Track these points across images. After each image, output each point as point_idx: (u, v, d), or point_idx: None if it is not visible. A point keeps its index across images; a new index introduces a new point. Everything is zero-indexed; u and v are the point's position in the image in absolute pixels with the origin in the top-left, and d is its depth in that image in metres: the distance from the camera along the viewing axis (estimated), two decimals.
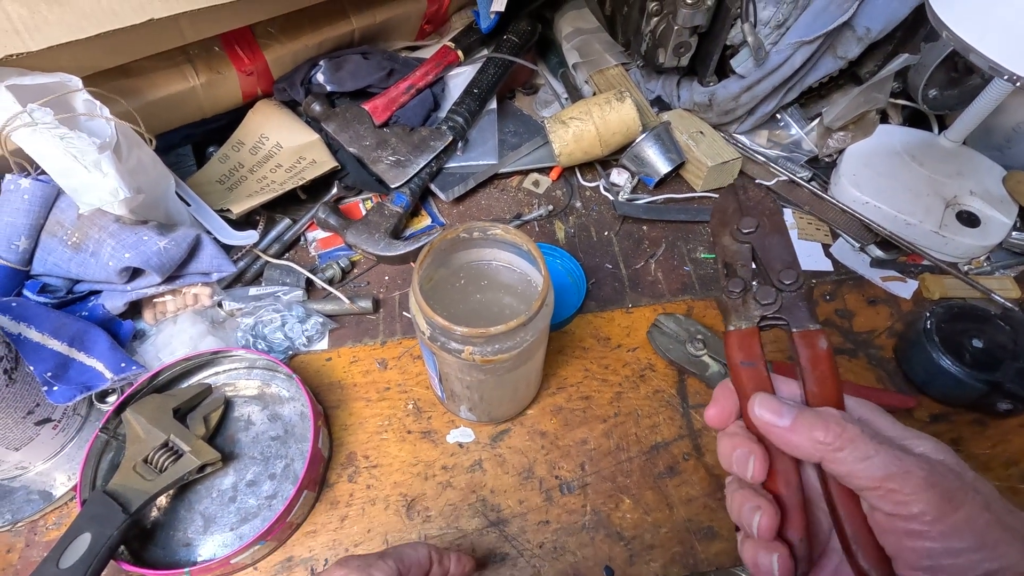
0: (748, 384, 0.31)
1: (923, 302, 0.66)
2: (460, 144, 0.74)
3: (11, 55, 0.47)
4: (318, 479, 0.53)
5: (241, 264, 0.64)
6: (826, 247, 0.70)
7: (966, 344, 0.55)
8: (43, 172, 0.53)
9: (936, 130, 0.76)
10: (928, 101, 0.74)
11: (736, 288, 0.33)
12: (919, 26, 0.68)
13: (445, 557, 0.42)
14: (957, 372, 0.54)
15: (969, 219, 0.67)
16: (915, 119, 0.79)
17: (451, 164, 0.74)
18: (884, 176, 0.70)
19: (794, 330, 0.32)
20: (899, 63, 0.68)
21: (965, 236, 0.66)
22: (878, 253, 0.69)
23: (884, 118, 0.78)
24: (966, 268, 0.68)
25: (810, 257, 0.69)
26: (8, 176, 0.54)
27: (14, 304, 0.52)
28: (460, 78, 0.79)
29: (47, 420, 0.51)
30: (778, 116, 0.78)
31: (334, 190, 0.71)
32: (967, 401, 0.56)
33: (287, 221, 0.69)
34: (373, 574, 0.32)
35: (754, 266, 0.35)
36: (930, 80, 0.71)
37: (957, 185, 0.69)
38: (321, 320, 0.62)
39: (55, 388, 0.50)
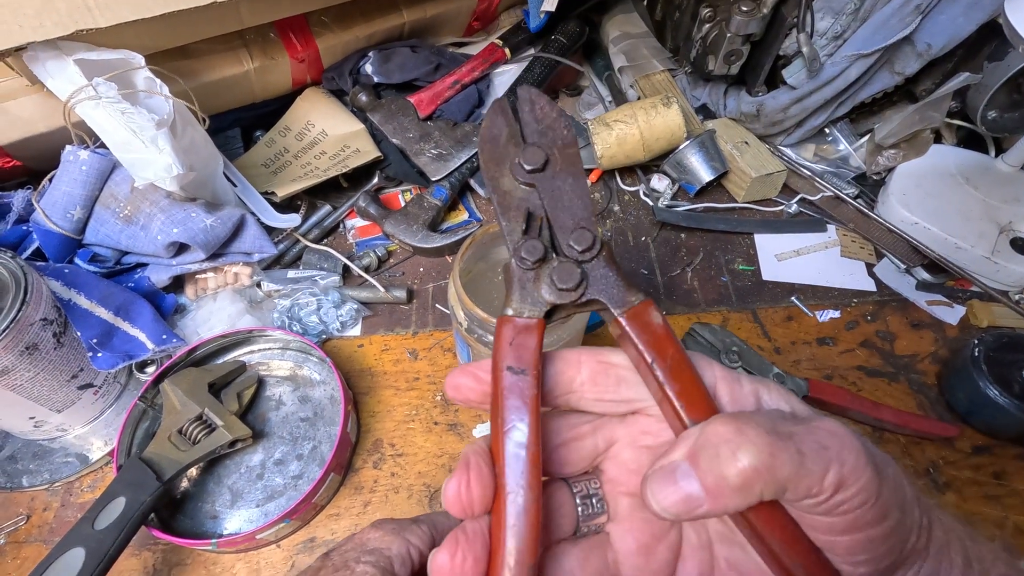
0: (509, 402, 0.22)
1: (970, 329, 0.63)
2: None
3: (81, 30, 0.48)
4: (344, 463, 0.53)
5: (281, 247, 0.65)
6: (869, 266, 0.68)
7: (1015, 375, 0.53)
8: (101, 145, 0.55)
9: (993, 153, 0.74)
10: (987, 123, 0.71)
11: (531, 255, 0.24)
12: (982, 44, 0.66)
13: None
14: (1005, 403, 0.52)
15: None
16: (970, 141, 0.77)
17: None
18: (935, 197, 0.68)
19: (616, 311, 0.24)
20: (959, 81, 0.66)
21: (1019, 264, 0.63)
22: (925, 276, 0.67)
23: (937, 138, 0.75)
24: (1017, 297, 0.65)
25: (852, 276, 0.68)
26: (68, 147, 0.56)
27: (66, 271, 0.54)
28: (506, 76, 0.79)
29: (89, 385, 0.52)
30: (826, 130, 0.76)
31: (375, 180, 0.72)
32: (1013, 434, 0.54)
33: (328, 207, 0.70)
34: (407, 537, 0.32)
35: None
36: (991, 101, 0.68)
37: (1013, 211, 0.67)
38: (356, 306, 0.62)
39: (99, 355, 0.51)
